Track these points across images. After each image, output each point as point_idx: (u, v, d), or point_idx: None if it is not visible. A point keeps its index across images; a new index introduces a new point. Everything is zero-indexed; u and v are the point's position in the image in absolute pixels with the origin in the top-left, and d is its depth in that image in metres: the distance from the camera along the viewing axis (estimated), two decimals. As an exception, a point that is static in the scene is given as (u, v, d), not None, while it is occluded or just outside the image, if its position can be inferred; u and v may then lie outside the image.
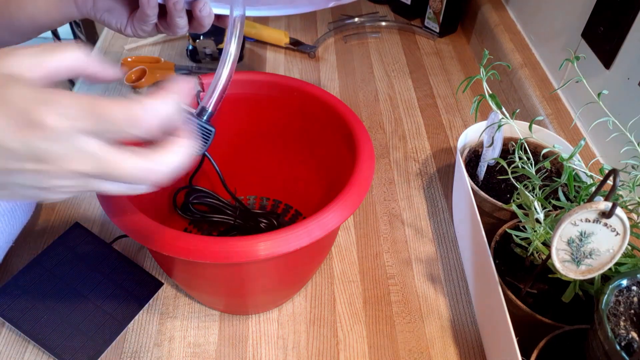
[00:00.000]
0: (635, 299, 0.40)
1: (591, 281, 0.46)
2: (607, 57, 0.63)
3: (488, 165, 0.62)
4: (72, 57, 0.31)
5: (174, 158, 0.31)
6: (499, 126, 0.56)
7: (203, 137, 0.47)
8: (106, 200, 0.44)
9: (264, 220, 0.62)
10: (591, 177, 0.52)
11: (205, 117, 0.46)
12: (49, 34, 1.56)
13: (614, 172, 0.37)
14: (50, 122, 0.27)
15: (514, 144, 0.61)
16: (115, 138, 0.29)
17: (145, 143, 0.31)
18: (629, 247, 0.47)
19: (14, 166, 0.28)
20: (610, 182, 0.37)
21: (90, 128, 0.28)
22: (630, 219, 0.40)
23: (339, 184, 0.47)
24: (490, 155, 0.60)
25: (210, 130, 0.47)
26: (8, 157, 0.27)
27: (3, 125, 0.27)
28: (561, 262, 0.41)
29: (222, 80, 0.47)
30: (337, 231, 0.62)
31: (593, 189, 0.46)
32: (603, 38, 0.64)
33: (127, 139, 0.29)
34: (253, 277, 0.48)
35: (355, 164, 0.48)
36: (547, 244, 0.48)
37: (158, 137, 0.31)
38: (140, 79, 0.83)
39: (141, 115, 0.29)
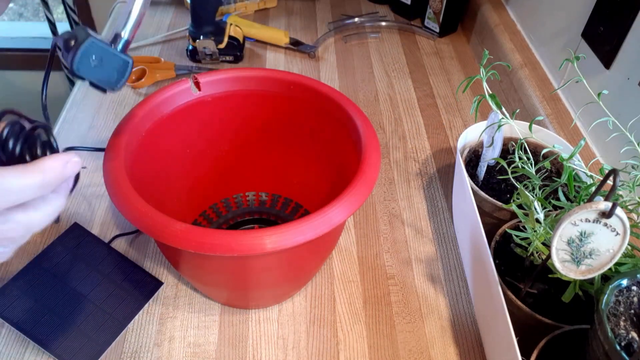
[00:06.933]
0: (635, 299, 0.40)
1: (591, 281, 0.46)
2: (607, 57, 0.63)
3: (488, 165, 0.62)
4: None
5: (36, 216, 0.33)
6: (499, 126, 0.56)
7: (118, 70, 0.42)
8: (116, 193, 0.44)
9: None
10: (591, 177, 0.52)
11: (120, 46, 0.42)
12: (48, 33, 1.55)
13: (614, 172, 0.37)
14: None
15: (514, 144, 0.61)
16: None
17: None
18: (629, 247, 0.47)
19: None
20: (610, 182, 0.37)
21: None
22: (630, 219, 0.40)
23: (343, 177, 0.47)
24: (490, 155, 0.60)
25: (127, 62, 0.43)
26: None
27: None
28: (561, 262, 0.41)
29: (139, 1, 0.43)
30: (343, 226, 0.62)
31: (593, 189, 0.46)
32: (603, 38, 0.64)
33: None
34: (258, 270, 0.49)
35: (362, 158, 0.48)
36: (547, 244, 0.48)
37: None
38: (140, 79, 0.83)
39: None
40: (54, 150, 0.35)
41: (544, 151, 0.54)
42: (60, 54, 0.42)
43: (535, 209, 0.47)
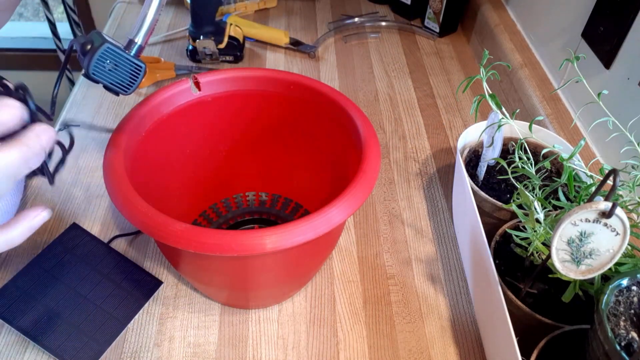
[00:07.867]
0: (635, 299, 0.40)
1: (591, 281, 0.46)
2: (607, 57, 0.63)
3: (488, 165, 0.62)
4: None
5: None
6: (499, 126, 0.56)
7: (132, 74, 0.44)
8: (116, 193, 0.44)
9: None
10: (591, 177, 0.52)
11: (133, 52, 0.44)
12: (48, 33, 1.55)
13: (614, 172, 0.37)
14: None
15: (514, 144, 0.61)
16: None
17: None
18: (629, 247, 0.47)
19: None
20: (610, 182, 0.37)
21: None
22: (630, 219, 0.40)
23: (343, 178, 0.47)
24: (490, 155, 0.60)
25: (140, 67, 0.44)
26: None
27: None
28: (561, 262, 0.41)
29: (153, 8, 0.44)
30: (343, 227, 0.62)
31: (593, 189, 0.46)
32: (603, 38, 0.64)
33: None
34: (258, 270, 0.49)
35: (362, 159, 0.48)
36: (547, 244, 0.48)
37: None
38: (140, 79, 0.83)
39: None
40: (31, 110, 0.35)
41: (544, 151, 0.54)
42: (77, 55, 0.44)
43: (535, 209, 0.47)
